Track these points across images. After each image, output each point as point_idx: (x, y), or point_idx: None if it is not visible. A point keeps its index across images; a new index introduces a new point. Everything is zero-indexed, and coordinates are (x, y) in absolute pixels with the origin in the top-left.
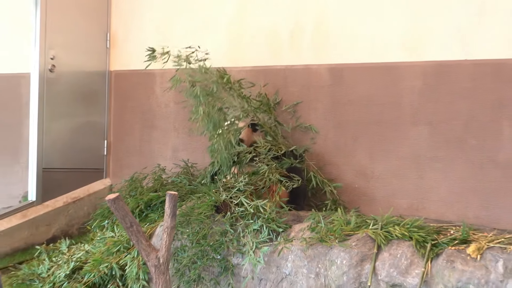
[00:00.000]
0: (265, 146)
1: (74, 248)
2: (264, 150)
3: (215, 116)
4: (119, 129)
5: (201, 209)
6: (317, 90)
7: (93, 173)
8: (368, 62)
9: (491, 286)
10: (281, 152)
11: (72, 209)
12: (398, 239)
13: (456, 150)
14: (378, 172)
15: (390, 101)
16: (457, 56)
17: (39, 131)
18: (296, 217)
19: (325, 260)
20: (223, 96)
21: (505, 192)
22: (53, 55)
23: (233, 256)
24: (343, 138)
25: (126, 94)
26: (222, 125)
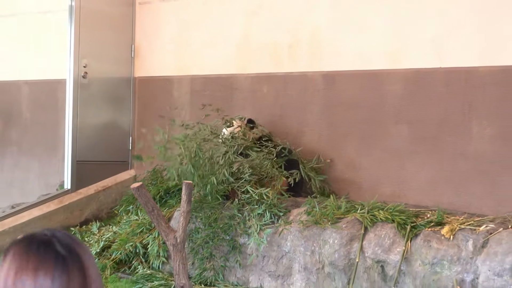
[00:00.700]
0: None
1: (104, 229)
2: (258, 161)
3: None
4: (142, 127)
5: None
6: (313, 93)
7: (120, 165)
8: (355, 70)
9: (462, 262)
10: (278, 149)
11: (102, 196)
12: (382, 222)
13: (432, 145)
14: (365, 164)
15: (375, 103)
16: (432, 64)
17: (73, 128)
18: (294, 203)
19: (319, 239)
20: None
21: (474, 181)
22: (86, 64)
23: (240, 237)
24: (335, 135)
25: (148, 97)
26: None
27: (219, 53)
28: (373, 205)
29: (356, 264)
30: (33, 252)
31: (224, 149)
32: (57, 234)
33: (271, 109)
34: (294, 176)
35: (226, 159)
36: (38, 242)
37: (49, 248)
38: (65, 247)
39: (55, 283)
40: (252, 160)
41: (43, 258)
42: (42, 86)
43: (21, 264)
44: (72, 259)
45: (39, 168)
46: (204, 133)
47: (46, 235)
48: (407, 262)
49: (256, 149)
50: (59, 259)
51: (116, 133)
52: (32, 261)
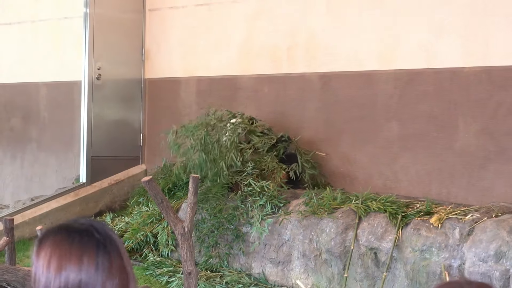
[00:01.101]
0: (261, 141)
1: (117, 220)
2: (261, 144)
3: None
4: (152, 125)
5: (217, 189)
6: (310, 93)
7: (132, 160)
8: (350, 70)
9: (450, 249)
10: (273, 142)
11: (115, 189)
12: (375, 212)
13: (421, 141)
14: (358, 158)
15: (368, 102)
16: (421, 65)
17: (88, 126)
18: (293, 195)
19: (316, 228)
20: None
21: (460, 174)
22: (99, 66)
23: (243, 226)
24: (330, 131)
25: (157, 97)
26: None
27: (223, 55)
28: (367, 196)
29: (351, 251)
30: (75, 241)
31: (230, 131)
32: (93, 223)
33: (272, 107)
34: (293, 168)
35: (232, 141)
36: (78, 231)
37: (89, 236)
38: (103, 234)
39: (99, 269)
40: (255, 145)
41: (85, 246)
42: (59, 87)
43: (64, 253)
44: (111, 245)
45: (56, 163)
46: (210, 120)
47: (83, 224)
48: (398, 249)
49: (259, 133)
50: (100, 246)
51: (127, 130)
52: (75, 249)
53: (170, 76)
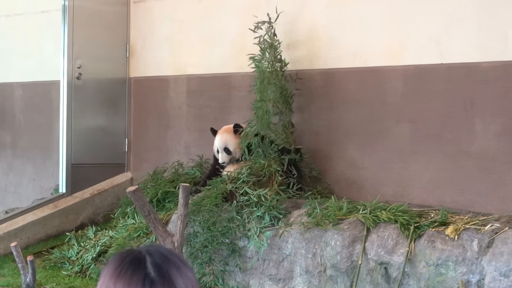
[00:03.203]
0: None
1: (100, 234)
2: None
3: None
4: (138, 128)
5: (211, 199)
6: (312, 92)
7: (116, 168)
8: (355, 67)
9: (467, 263)
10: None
11: (98, 199)
12: (385, 223)
13: (434, 144)
14: (366, 163)
15: (375, 101)
16: (433, 60)
17: (68, 131)
18: (294, 204)
19: (321, 241)
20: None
21: (478, 179)
22: (80, 64)
23: (239, 240)
24: (334, 135)
25: (144, 97)
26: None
27: (216, 52)
28: (376, 205)
29: (359, 266)
30: (122, 272)
31: None
32: (152, 251)
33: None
34: (294, 177)
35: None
36: (129, 261)
37: (138, 269)
38: (157, 268)
39: None
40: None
41: (130, 280)
42: (35, 87)
43: (109, 286)
44: (162, 283)
45: (33, 172)
46: None
47: (140, 252)
48: (411, 263)
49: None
50: (146, 283)
51: (111, 135)
52: (120, 282)
53: (158, 74)
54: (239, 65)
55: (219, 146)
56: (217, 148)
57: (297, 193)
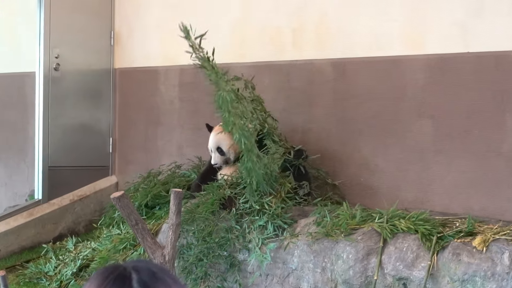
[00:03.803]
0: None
1: (81, 246)
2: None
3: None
4: (124, 126)
5: (206, 206)
6: (320, 85)
7: (99, 171)
8: (370, 56)
9: (497, 278)
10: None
11: (79, 207)
12: (403, 233)
13: (459, 143)
14: (382, 165)
15: (393, 95)
16: (458, 48)
17: (44, 129)
18: (301, 212)
19: (331, 254)
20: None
21: (509, 183)
22: (58, 54)
23: (239, 253)
24: (346, 132)
25: (130, 91)
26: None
27: (212, 40)
28: (393, 213)
29: (374, 282)
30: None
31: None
32: (139, 268)
33: (273, 103)
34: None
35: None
36: (113, 279)
37: (123, 285)
38: (144, 287)
39: None
40: (274, 153)
41: None
42: (7, 80)
43: None
44: None
45: (5, 176)
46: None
47: (125, 269)
48: (433, 279)
49: (275, 139)
50: None
51: (94, 133)
52: None
53: (146, 65)
54: (239, 53)
55: (211, 146)
56: (210, 147)
57: (304, 199)
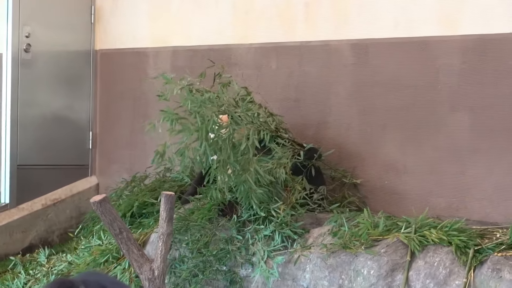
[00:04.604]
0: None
1: (55, 258)
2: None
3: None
4: (107, 119)
5: (202, 213)
6: (338, 70)
7: (77, 170)
8: (397, 37)
9: None
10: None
11: (52, 212)
12: (435, 245)
13: (502, 140)
14: (410, 165)
15: (424, 83)
16: (502, 28)
17: (12, 121)
18: (314, 220)
19: (349, 270)
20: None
21: None
22: (29, 33)
23: (241, 268)
24: (369, 127)
25: (114, 77)
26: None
27: (210, 17)
28: (422, 221)
29: None
30: None
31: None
32: (89, 282)
33: (282, 91)
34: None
35: (251, 144)
36: None
37: None
38: None
39: None
40: (279, 159)
41: None
42: None
43: None
44: None
45: None
46: (222, 101)
47: (73, 284)
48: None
49: (281, 141)
50: None
51: (71, 126)
52: None
53: (133, 46)
54: (242, 34)
55: None
56: None
57: (318, 205)
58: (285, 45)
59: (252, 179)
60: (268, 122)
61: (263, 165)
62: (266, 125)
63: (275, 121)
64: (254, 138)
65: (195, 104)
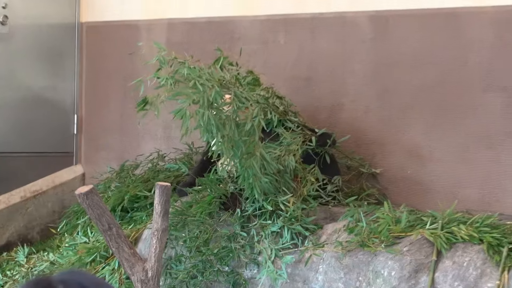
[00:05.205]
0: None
1: (35, 258)
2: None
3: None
4: (94, 100)
5: (201, 206)
6: (355, 46)
7: (60, 158)
8: (421, 8)
9: None
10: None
11: (32, 206)
12: (464, 243)
13: None
14: (437, 153)
15: (452, 60)
16: None
17: None
18: (328, 215)
19: (367, 271)
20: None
21: None
22: (5, 3)
23: (245, 268)
24: (389, 109)
25: (102, 53)
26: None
27: None
28: (450, 216)
29: None
30: None
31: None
32: (69, 281)
33: (291, 70)
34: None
35: (257, 125)
36: None
37: None
38: None
39: None
40: (288, 145)
41: None
42: None
43: None
44: None
45: None
46: (223, 77)
47: (50, 283)
48: None
49: (291, 124)
50: None
51: (53, 109)
52: None
53: (123, 18)
54: (246, 5)
55: None
56: None
57: (333, 198)
58: (295, 17)
59: (257, 165)
60: (276, 104)
61: (271, 151)
62: (274, 107)
63: (283, 104)
64: (260, 118)
65: (194, 73)
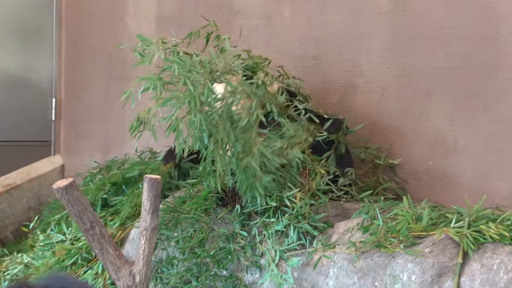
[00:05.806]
0: None
1: (8, 260)
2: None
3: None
4: (74, 81)
5: (196, 202)
6: (370, 19)
7: (36, 148)
8: None
9: None
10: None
11: (5, 202)
12: (494, 243)
13: None
14: (463, 142)
15: (480, 36)
16: None
17: None
18: (340, 212)
19: (384, 275)
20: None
21: None
22: None
23: (246, 272)
24: (410, 92)
25: (83, 29)
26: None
27: None
28: (478, 213)
29: None
30: None
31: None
32: (52, 286)
33: (298, 47)
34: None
35: (254, 119)
36: None
37: None
38: None
39: None
40: (291, 138)
41: None
42: None
43: None
44: None
45: None
46: (216, 66)
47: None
48: None
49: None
50: None
51: (29, 91)
52: None
53: None
54: None
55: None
56: None
57: (345, 192)
58: None
59: (257, 164)
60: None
61: (272, 143)
62: (274, 98)
63: (291, 85)
64: (259, 112)
65: (183, 68)
